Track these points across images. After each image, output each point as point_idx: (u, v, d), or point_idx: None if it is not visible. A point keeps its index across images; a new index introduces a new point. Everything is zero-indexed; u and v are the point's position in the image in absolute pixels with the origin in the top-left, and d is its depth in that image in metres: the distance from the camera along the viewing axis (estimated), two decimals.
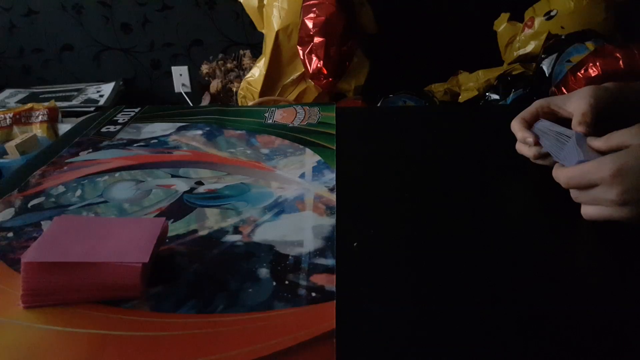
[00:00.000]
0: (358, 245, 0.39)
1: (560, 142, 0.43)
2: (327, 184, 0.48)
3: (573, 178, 0.39)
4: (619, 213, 0.37)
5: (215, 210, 0.44)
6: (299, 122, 0.64)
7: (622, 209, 0.37)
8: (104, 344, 0.29)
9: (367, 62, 1.64)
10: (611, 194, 0.36)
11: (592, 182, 0.38)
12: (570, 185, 0.40)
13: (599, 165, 0.37)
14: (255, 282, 0.34)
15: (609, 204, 0.37)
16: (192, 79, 2.16)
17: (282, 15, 1.52)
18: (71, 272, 0.32)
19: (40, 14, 2.05)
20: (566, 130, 0.43)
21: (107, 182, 0.50)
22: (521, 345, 0.29)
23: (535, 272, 0.36)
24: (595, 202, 0.38)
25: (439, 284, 0.35)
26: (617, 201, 0.36)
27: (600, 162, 0.37)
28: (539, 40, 1.50)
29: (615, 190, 0.36)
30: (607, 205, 0.37)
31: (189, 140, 0.59)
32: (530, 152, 0.47)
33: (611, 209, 0.37)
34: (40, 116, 1.55)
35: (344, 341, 0.29)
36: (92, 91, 1.98)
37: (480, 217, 0.43)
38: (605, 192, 0.37)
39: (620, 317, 0.31)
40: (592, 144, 0.40)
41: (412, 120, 0.69)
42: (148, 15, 2.05)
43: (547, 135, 0.45)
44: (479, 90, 1.56)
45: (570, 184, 0.40)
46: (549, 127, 0.45)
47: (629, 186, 0.36)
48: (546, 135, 0.45)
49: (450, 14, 1.90)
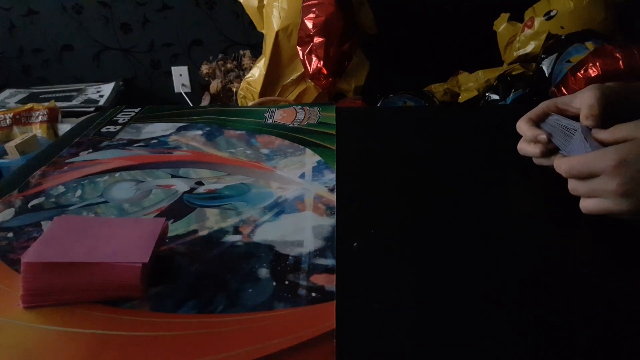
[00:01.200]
0: (358, 245, 0.39)
1: (568, 135, 0.43)
2: (327, 184, 0.48)
3: (574, 167, 0.39)
4: (618, 206, 0.37)
5: (215, 211, 0.44)
6: (299, 123, 0.64)
7: (621, 201, 0.37)
8: (104, 344, 0.29)
9: (367, 62, 1.64)
10: (612, 185, 0.36)
11: (594, 172, 0.38)
12: (571, 174, 0.40)
13: (602, 155, 0.37)
14: (255, 282, 0.34)
15: (608, 195, 0.37)
16: (192, 79, 2.16)
17: (282, 15, 1.52)
18: (71, 272, 0.32)
19: (40, 14, 2.05)
20: (572, 122, 0.44)
21: (107, 182, 0.50)
22: (521, 345, 0.29)
23: (536, 272, 0.36)
24: (594, 193, 0.38)
25: (439, 283, 0.35)
26: (617, 192, 0.36)
27: (603, 152, 0.37)
28: (539, 40, 1.50)
29: (616, 180, 0.36)
30: (607, 196, 0.37)
31: (189, 140, 0.59)
32: (536, 149, 0.47)
33: (610, 201, 0.37)
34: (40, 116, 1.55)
35: (344, 341, 0.29)
36: (92, 91, 1.98)
37: (480, 217, 0.43)
38: (606, 183, 0.37)
39: (621, 318, 0.31)
40: (597, 136, 0.41)
41: (412, 121, 0.69)
42: (148, 15, 2.06)
43: (555, 129, 0.45)
44: (478, 90, 1.57)
45: (571, 173, 0.40)
46: (557, 120, 0.45)
47: (630, 177, 0.36)
48: (554, 130, 0.45)
49: (450, 14, 1.90)
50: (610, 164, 0.36)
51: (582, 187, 0.39)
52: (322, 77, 1.50)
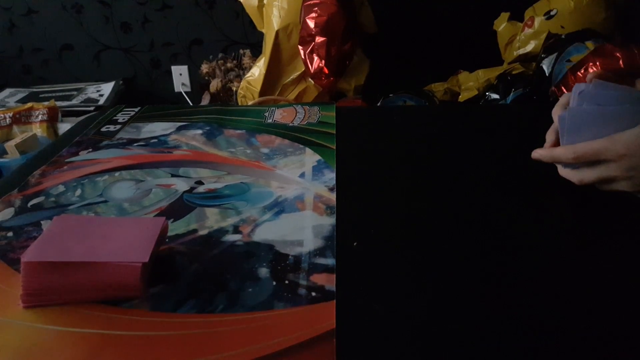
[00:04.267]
0: (358, 244, 0.39)
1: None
2: (327, 184, 0.48)
3: (582, 155, 0.42)
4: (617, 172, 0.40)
5: (215, 210, 0.44)
6: (298, 122, 0.64)
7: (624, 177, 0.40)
8: (104, 344, 0.29)
9: (367, 61, 1.64)
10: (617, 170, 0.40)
11: (601, 159, 0.41)
12: (578, 155, 0.42)
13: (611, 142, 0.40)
14: (255, 282, 0.34)
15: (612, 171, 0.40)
16: (192, 78, 2.16)
17: (282, 14, 1.52)
18: (71, 272, 0.32)
19: (40, 13, 2.04)
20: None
21: (107, 181, 0.50)
22: (522, 345, 0.29)
23: (536, 273, 0.36)
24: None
25: (439, 283, 0.35)
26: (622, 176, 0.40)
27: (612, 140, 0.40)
28: (539, 39, 1.50)
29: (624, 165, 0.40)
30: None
31: (188, 139, 0.59)
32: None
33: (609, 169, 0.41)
34: (40, 116, 1.55)
35: (344, 341, 0.29)
36: (92, 91, 1.98)
37: (480, 217, 0.43)
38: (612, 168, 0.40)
39: (622, 318, 0.31)
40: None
41: (412, 120, 0.69)
42: (148, 14, 2.05)
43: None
44: (479, 89, 1.56)
45: (578, 154, 0.42)
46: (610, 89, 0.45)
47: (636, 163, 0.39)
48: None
49: (450, 14, 1.90)
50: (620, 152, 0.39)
51: (588, 171, 0.42)
52: (323, 77, 1.50)
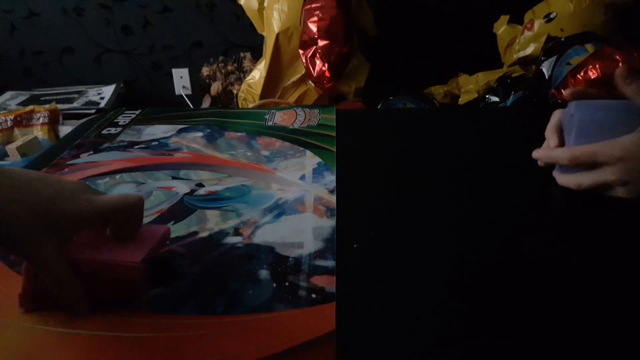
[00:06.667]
0: (358, 247, 0.39)
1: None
2: (327, 186, 0.48)
3: (579, 156, 0.42)
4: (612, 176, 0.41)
5: (215, 212, 0.44)
6: (299, 124, 0.64)
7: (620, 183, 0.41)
8: (105, 346, 0.30)
9: (367, 64, 1.64)
10: (613, 175, 0.40)
11: (598, 162, 0.41)
12: (575, 155, 0.43)
13: (609, 146, 0.41)
14: (255, 284, 0.35)
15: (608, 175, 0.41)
16: (193, 81, 2.16)
17: (282, 17, 1.52)
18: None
19: (41, 16, 2.05)
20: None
21: (107, 184, 0.50)
22: (522, 345, 0.29)
23: (536, 274, 0.36)
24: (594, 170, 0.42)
25: (439, 285, 0.35)
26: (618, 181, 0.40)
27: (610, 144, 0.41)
28: (539, 42, 1.50)
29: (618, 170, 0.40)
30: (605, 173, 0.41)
31: (189, 142, 0.60)
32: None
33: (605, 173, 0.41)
34: (41, 118, 1.55)
35: (344, 342, 0.29)
36: (93, 93, 1.98)
37: (480, 219, 0.43)
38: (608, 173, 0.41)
39: (622, 318, 0.31)
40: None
41: (412, 122, 0.69)
42: (149, 17, 2.06)
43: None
44: (478, 92, 1.57)
45: (575, 155, 0.43)
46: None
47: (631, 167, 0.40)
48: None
49: (450, 17, 1.91)
50: (616, 155, 0.40)
51: (587, 174, 0.43)
52: (325, 80, 1.51)
